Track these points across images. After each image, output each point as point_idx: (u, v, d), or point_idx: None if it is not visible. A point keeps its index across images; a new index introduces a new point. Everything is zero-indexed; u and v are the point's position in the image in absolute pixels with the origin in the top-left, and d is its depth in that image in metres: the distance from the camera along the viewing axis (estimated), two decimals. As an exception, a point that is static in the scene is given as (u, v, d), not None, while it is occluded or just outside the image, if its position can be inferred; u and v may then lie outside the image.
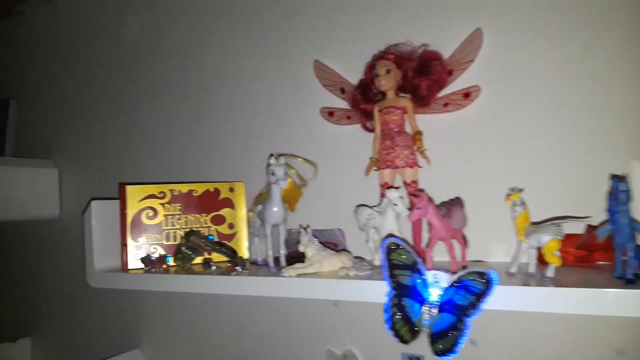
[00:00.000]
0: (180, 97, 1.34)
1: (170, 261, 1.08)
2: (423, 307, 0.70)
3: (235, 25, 1.25)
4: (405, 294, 0.70)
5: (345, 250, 0.94)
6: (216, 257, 1.08)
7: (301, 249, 0.88)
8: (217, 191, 1.17)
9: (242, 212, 1.17)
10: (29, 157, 1.61)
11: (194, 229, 1.10)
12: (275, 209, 0.93)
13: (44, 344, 1.64)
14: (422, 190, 0.90)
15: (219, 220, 1.16)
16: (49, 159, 1.59)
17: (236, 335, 1.24)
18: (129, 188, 1.10)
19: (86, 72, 1.54)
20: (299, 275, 0.86)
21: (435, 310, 0.69)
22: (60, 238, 1.58)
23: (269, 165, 0.92)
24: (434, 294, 0.69)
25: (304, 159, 0.96)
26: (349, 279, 0.82)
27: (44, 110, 1.64)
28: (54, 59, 1.63)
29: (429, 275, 0.70)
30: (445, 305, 0.68)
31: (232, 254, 1.06)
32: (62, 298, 1.59)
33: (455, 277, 0.68)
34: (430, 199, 0.77)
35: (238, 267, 0.93)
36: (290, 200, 0.96)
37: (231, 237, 1.16)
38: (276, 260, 0.96)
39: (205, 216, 1.15)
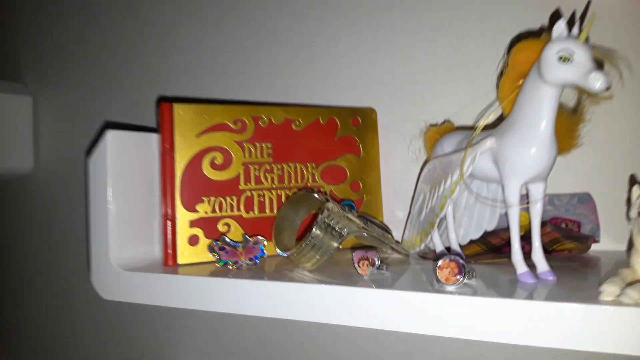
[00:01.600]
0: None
1: (265, 250, 0.54)
2: None
3: None
4: None
5: None
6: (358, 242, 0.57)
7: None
8: (332, 123, 0.64)
9: (374, 162, 0.65)
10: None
11: (312, 190, 0.57)
12: (542, 148, 0.41)
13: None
14: None
15: (336, 175, 0.64)
16: (18, 82, 1.04)
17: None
18: (178, 108, 0.56)
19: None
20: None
21: None
22: (34, 207, 1.04)
23: (556, 43, 0.39)
24: None
25: (602, 51, 0.43)
26: None
27: (11, 12, 1.07)
28: None
29: None
30: None
31: (390, 237, 0.54)
32: (36, 302, 1.04)
33: None
34: None
35: (459, 276, 0.40)
36: (564, 133, 0.43)
37: (357, 204, 0.64)
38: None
39: (314, 168, 0.62)
